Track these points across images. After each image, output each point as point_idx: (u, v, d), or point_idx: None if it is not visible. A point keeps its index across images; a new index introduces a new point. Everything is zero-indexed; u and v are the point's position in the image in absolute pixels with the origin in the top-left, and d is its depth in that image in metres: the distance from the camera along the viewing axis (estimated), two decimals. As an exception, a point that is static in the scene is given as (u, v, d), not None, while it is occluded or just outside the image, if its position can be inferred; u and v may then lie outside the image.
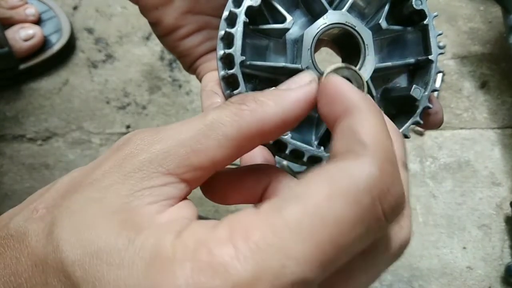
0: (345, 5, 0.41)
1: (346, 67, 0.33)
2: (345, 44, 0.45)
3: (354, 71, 0.33)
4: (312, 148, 0.40)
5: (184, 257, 0.22)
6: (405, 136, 0.43)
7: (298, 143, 0.39)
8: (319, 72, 0.39)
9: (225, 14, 0.40)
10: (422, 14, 0.43)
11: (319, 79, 0.32)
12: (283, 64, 0.41)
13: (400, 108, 0.44)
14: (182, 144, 0.27)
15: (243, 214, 0.23)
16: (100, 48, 1.03)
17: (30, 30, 0.94)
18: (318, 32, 0.40)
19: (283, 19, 0.41)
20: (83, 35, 1.04)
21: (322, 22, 0.40)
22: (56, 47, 0.98)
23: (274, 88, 0.31)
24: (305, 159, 0.40)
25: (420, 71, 0.44)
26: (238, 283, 0.21)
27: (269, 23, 0.42)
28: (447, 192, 0.93)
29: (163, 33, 0.44)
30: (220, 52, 0.40)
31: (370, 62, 0.41)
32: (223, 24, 0.40)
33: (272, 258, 0.21)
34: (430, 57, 0.43)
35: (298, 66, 0.40)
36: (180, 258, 0.22)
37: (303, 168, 0.91)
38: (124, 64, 1.02)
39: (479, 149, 0.96)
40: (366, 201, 0.23)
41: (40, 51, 0.97)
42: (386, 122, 0.29)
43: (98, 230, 0.24)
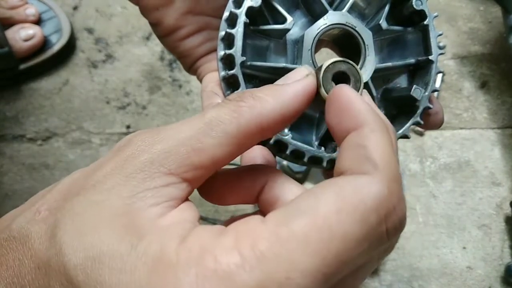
0: (346, 6, 0.41)
1: (344, 61, 0.33)
2: (346, 45, 0.45)
3: (352, 65, 0.33)
4: (313, 149, 0.40)
5: (189, 263, 0.22)
6: (406, 136, 0.43)
7: (299, 144, 0.39)
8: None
9: (226, 15, 0.40)
10: (422, 15, 0.43)
11: (317, 73, 0.32)
12: (284, 65, 0.41)
13: (401, 109, 0.44)
14: (183, 144, 0.27)
15: (250, 223, 0.24)
16: (100, 48, 1.03)
17: (30, 30, 0.94)
18: (319, 33, 0.40)
19: (284, 20, 0.41)
20: (83, 35, 1.04)
21: (323, 23, 0.40)
22: (56, 47, 0.98)
23: (272, 84, 0.31)
24: (306, 160, 0.40)
25: (420, 72, 0.44)
26: None
27: (270, 24, 0.42)
28: (447, 192, 0.93)
29: (164, 34, 0.44)
30: (221, 53, 0.40)
31: (371, 63, 0.41)
32: (224, 25, 0.40)
33: (278, 269, 0.21)
34: (431, 58, 0.43)
35: (299, 67, 0.40)
36: (185, 264, 0.22)
37: (303, 168, 0.91)
38: (124, 64, 1.02)
39: (479, 149, 0.96)
40: (373, 220, 0.23)
41: (40, 51, 0.97)
42: (378, 113, 0.29)
43: (101, 234, 0.24)
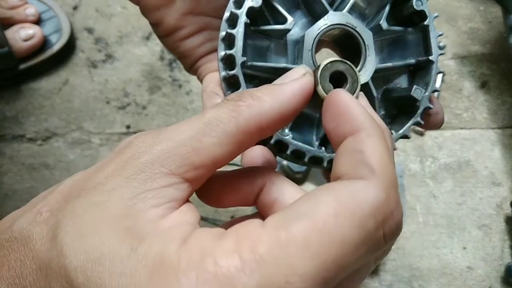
0: (346, 6, 0.41)
1: (341, 61, 0.33)
2: (346, 45, 0.45)
3: (350, 66, 0.33)
4: (313, 149, 0.40)
5: (189, 266, 0.22)
6: (406, 137, 0.43)
7: (299, 144, 0.39)
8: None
9: (226, 15, 0.40)
10: (423, 15, 0.43)
11: (314, 72, 0.32)
12: (284, 65, 0.41)
13: (401, 109, 0.44)
14: (183, 144, 0.28)
15: (250, 226, 0.24)
16: (100, 48, 1.03)
17: (30, 30, 0.94)
18: (319, 33, 0.40)
19: (284, 20, 0.41)
20: (83, 35, 1.04)
21: (323, 23, 0.40)
22: (56, 47, 0.98)
23: (270, 84, 0.31)
24: (306, 160, 0.40)
25: (421, 72, 0.44)
26: None
27: (270, 24, 0.42)
28: (447, 192, 0.93)
29: (164, 34, 0.44)
30: (221, 53, 0.40)
31: (371, 63, 0.41)
32: (224, 25, 0.40)
33: (277, 273, 0.21)
34: (431, 58, 0.43)
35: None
36: (185, 267, 0.22)
37: (303, 168, 0.91)
38: (124, 64, 1.02)
39: (479, 149, 0.96)
40: (371, 225, 0.24)
41: (40, 51, 0.97)
42: (374, 117, 0.29)
43: (101, 236, 0.24)
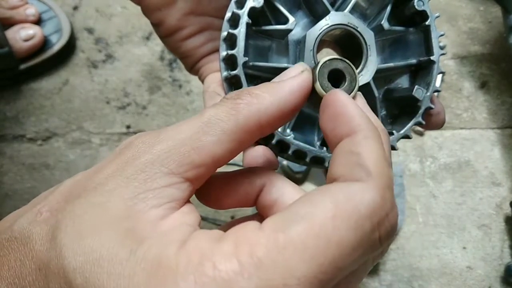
0: (347, 6, 0.41)
1: (340, 59, 0.33)
2: (347, 45, 0.45)
3: (348, 65, 0.33)
4: (315, 149, 0.40)
5: (188, 270, 0.22)
6: (407, 137, 0.43)
7: (301, 144, 0.39)
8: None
9: (228, 15, 0.40)
10: (424, 15, 0.43)
11: (313, 70, 0.32)
12: (286, 65, 0.41)
13: (402, 109, 0.44)
14: (183, 143, 0.28)
15: (248, 229, 0.24)
16: (100, 48, 1.03)
17: (30, 30, 0.94)
18: (321, 33, 0.40)
19: (286, 20, 0.41)
20: (83, 35, 1.04)
21: (324, 23, 0.40)
22: (56, 47, 0.98)
23: (268, 82, 0.31)
24: (308, 160, 0.40)
25: (422, 72, 0.44)
26: None
27: (272, 24, 0.42)
28: (447, 192, 0.93)
29: (166, 34, 0.44)
30: (223, 53, 0.40)
31: (372, 63, 0.41)
32: (226, 25, 0.40)
33: (275, 276, 0.22)
34: (432, 58, 0.43)
35: None
36: (184, 271, 0.22)
37: (303, 168, 0.91)
38: (124, 64, 1.02)
39: (479, 149, 0.96)
40: (367, 227, 0.24)
41: (40, 51, 0.97)
42: (372, 119, 0.29)
43: (101, 237, 0.24)
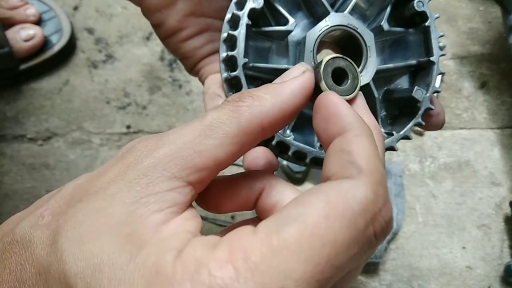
0: (347, 7, 0.41)
1: (342, 58, 0.33)
2: (347, 46, 0.45)
3: (350, 63, 0.33)
4: (315, 150, 0.40)
5: (184, 278, 0.22)
6: (407, 137, 0.43)
7: (301, 145, 0.39)
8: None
9: (228, 17, 0.40)
10: (424, 16, 0.43)
11: (316, 69, 0.32)
12: (286, 66, 0.41)
13: (402, 109, 0.44)
14: (185, 147, 0.28)
15: (243, 234, 0.24)
16: (100, 48, 1.03)
17: (31, 31, 0.94)
18: (320, 34, 0.40)
19: (286, 21, 0.41)
20: (84, 35, 1.04)
21: (324, 24, 0.40)
22: (57, 47, 0.98)
23: (270, 83, 0.31)
24: (308, 161, 0.40)
25: (422, 73, 0.44)
26: None
27: (272, 25, 0.42)
28: (447, 192, 0.94)
29: (166, 35, 0.44)
30: (223, 54, 0.40)
31: (372, 64, 0.42)
32: (226, 27, 0.40)
33: (272, 279, 0.21)
34: (432, 59, 0.43)
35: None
36: (180, 279, 0.22)
37: (303, 168, 0.91)
38: (124, 64, 1.02)
39: (479, 149, 0.97)
40: (361, 223, 0.24)
41: (41, 51, 0.97)
42: (369, 119, 0.29)
43: (102, 243, 0.24)
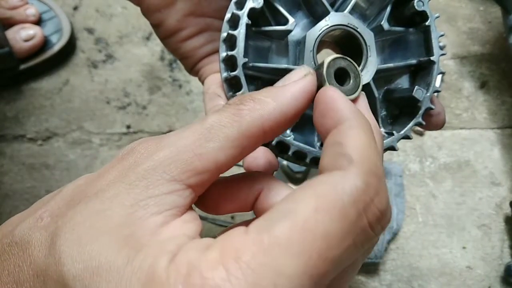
0: (347, 7, 0.41)
1: (343, 58, 0.33)
2: (347, 46, 0.45)
3: (350, 62, 0.33)
4: (315, 149, 0.40)
5: (177, 281, 0.22)
6: (407, 137, 0.43)
7: (301, 145, 0.39)
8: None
9: (228, 16, 0.40)
10: (424, 16, 0.43)
11: (317, 71, 0.32)
12: (286, 66, 0.41)
13: (402, 109, 0.44)
14: (185, 150, 0.27)
15: (233, 234, 0.24)
16: (100, 48, 1.03)
17: (31, 30, 0.94)
18: (320, 34, 0.40)
19: (285, 21, 0.41)
20: (84, 35, 1.04)
21: (324, 24, 0.40)
22: (57, 47, 0.98)
23: (271, 86, 0.31)
24: (308, 161, 0.40)
25: (422, 72, 0.44)
26: None
27: (271, 25, 0.42)
28: (447, 192, 0.93)
29: (165, 35, 0.44)
30: (223, 54, 0.40)
31: (372, 63, 0.42)
32: (226, 26, 0.40)
33: (264, 278, 0.21)
34: (432, 58, 0.43)
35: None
36: (173, 283, 0.22)
37: (303, 168, 0.91)
38: (124, 64, 1.02)
39: (479, 149, 0.97)
40: (352, 214, 0.23)
41: (41, 51, 0.97)
42: (365, 113, 0.29)
43: (100, 245, 0.24)
